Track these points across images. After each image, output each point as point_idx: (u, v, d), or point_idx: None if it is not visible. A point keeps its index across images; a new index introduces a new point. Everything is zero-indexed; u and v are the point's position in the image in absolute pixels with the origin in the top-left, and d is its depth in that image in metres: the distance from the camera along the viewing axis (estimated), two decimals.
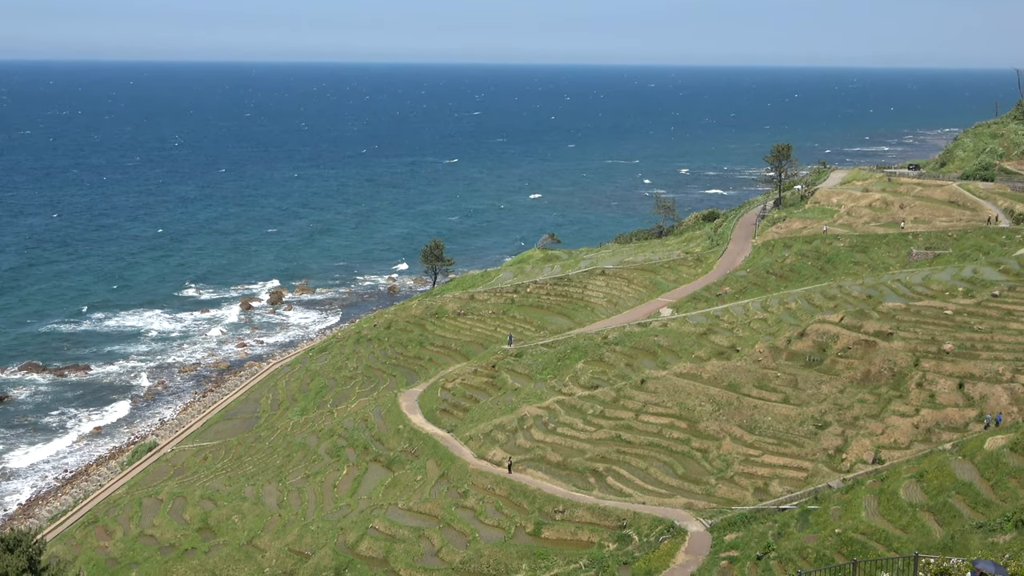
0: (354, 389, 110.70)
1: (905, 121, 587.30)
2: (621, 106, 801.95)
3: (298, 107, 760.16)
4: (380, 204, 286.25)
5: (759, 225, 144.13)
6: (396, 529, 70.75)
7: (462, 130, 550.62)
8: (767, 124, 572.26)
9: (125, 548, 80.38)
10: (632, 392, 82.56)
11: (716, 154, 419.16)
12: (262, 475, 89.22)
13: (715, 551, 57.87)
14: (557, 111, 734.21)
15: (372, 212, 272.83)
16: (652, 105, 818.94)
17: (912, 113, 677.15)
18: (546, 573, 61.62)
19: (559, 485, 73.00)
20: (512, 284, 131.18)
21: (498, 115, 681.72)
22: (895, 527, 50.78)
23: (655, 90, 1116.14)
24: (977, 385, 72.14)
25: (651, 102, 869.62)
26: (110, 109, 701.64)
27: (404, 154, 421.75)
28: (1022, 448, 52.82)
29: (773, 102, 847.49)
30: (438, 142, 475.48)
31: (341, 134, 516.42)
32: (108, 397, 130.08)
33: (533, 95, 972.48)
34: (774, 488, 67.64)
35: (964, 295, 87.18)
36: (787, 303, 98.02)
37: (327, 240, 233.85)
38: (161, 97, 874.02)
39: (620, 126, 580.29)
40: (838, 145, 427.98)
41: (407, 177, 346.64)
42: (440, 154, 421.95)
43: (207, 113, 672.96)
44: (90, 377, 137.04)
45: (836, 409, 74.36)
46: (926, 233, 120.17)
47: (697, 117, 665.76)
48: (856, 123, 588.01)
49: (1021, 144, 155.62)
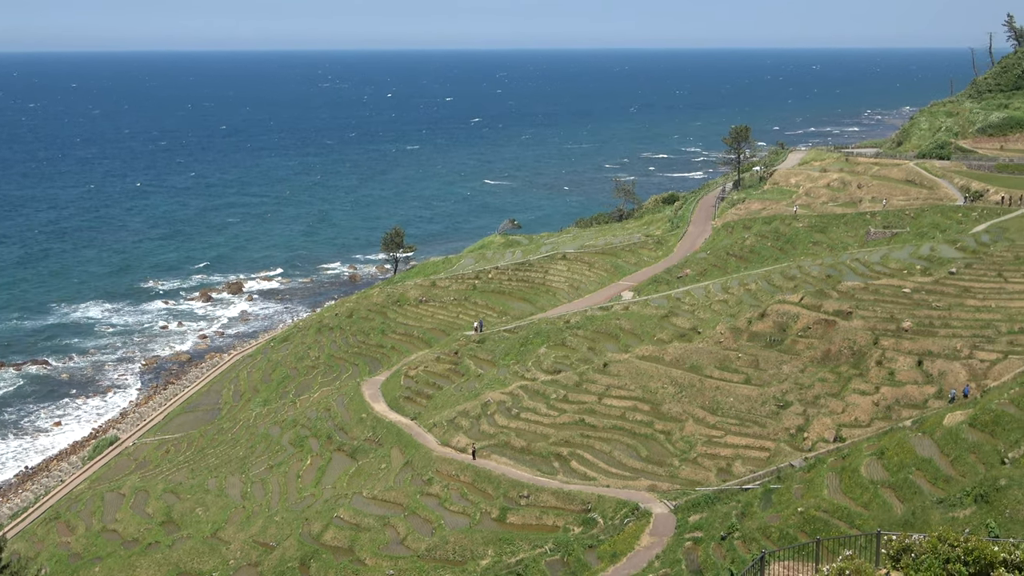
0: (316, 379, 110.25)
1: (864, 101, 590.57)
2: (584, 90, 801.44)
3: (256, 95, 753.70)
4: (339, 192, 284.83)
5: (719, 207, 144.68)
6: (361, 518, 70.55)
7: (425, 117, 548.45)
8: (727, 106, 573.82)
9: (88, 543, 79.69)
10: (595, 376, 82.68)
11: (676, 137, 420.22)
12: (225, 467, 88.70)
13: (679, 532, 58.14)
14: (518, 96, 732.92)
15: (332, 200, 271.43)
16: (615, 88, 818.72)
17: (870, 93, 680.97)
18: (512, 558, 61.62)
19: (524, 470, 73.07)
20: (473, 270, 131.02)
21: (460, 101, 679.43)
22: (857, 504, 51.21)
23: (619, 73, 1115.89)
24: (936, 362, 72.79)
25: (615, 85, 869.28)
26: (62, 101, 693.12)
27: (365, 142, 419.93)
28: (980, 424, 53.38)
29: (735, 83, 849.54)
30: (399, 129, 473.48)
31: (301, 122, 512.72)
32: (68, 391, 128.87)
33: (495, 81, 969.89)
34: (737, 468, 68.01)
35: (922, 273, 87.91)
36: (747, 284, 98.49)
37: (287, 229, 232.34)
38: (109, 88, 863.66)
39: (581, 110, 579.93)
40: (797, 127, 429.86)
41: (367, 164, 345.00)
42: (401, 141, 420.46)
43: (162, 103, 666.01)
44: (49, 371, 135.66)
45: (797, 389, 74.83)
46: (883, 212, 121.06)
47: (659, 99, 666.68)
48: (815, 104, 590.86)
49: (976, 122, 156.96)
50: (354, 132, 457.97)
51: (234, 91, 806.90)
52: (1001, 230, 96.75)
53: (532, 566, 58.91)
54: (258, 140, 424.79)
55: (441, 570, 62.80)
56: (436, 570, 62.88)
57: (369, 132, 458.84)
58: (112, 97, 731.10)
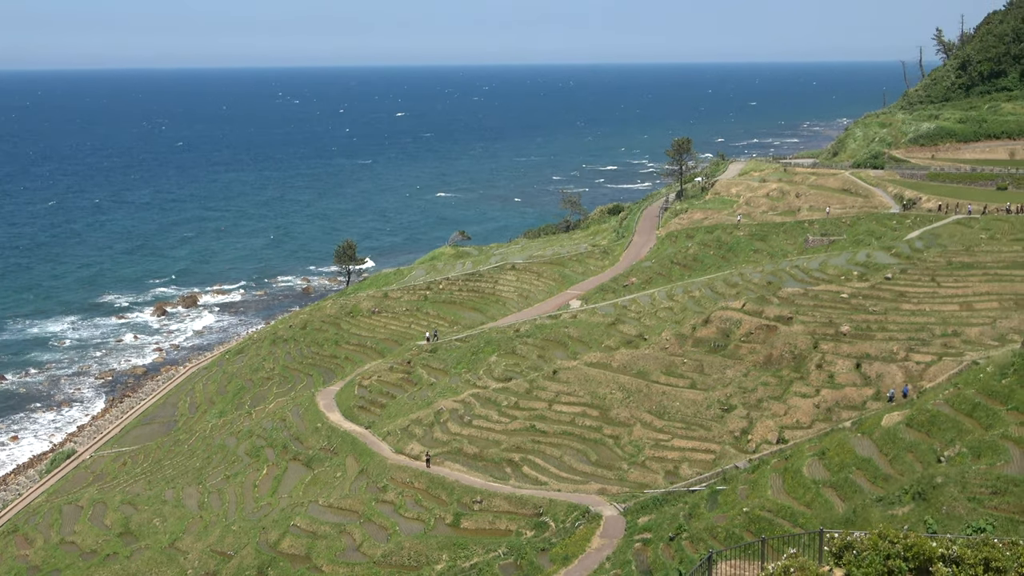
0: (271, 389, 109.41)
1: (803, 114, 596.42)
2: (534, 104, 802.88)
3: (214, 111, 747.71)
4: (294, 206, 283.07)
5: (662, 217, 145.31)
6: (317, 526, 70.05)
7: (377, 132, 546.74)
8: (673, 118, 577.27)
9: (46, 556, 78.45)
10: (545, 383, 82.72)
11: (622, 149, 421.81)
12: (182, 478, 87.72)
13: (629, 534, 58.22)
14: (467, 111, 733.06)
15: (285, 214, 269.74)
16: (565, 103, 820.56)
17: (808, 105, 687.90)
18: (466, 562, 61.42)
19: (476, 476, 72.89)
20: (425, 281, 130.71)
21: (411, 117, 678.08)
22: (800, 504, 51.53)
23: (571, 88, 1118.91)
24: (873, 364, 73.53)
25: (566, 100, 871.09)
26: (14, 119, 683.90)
27: (319, 156, 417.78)
28: (917, 424, 53.94)
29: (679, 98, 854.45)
30: (352, 144, 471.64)
31: (256, 138, 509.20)
32: (24, 405, 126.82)
33: (441, 96, 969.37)
34: (684, 471, 68.22)
35: (859, 279, 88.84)
36: (691, 292, 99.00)
37: (241, 243, 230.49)
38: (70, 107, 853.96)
39: (530, 124, 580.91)
40: (739, 138, 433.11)
41: (320, 178, 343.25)
42: (353, 155, 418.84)
43: (120, 120, 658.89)
44: (5, 386, 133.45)
45: (741, 392, 75.26)
46: (821, 220, 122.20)
47: (605, 113, 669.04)
48: (755, 116, 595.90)
49: (908, 133, 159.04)
50: (307, 147, 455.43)
51: (183, 108, 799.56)
52: (934, 236, 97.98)
53: (486, 570, 58.71)
54: (213, 156, 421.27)
55: (397, 575, 62.47)
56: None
57: (322, 147, 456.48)
58: (64, 114, 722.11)
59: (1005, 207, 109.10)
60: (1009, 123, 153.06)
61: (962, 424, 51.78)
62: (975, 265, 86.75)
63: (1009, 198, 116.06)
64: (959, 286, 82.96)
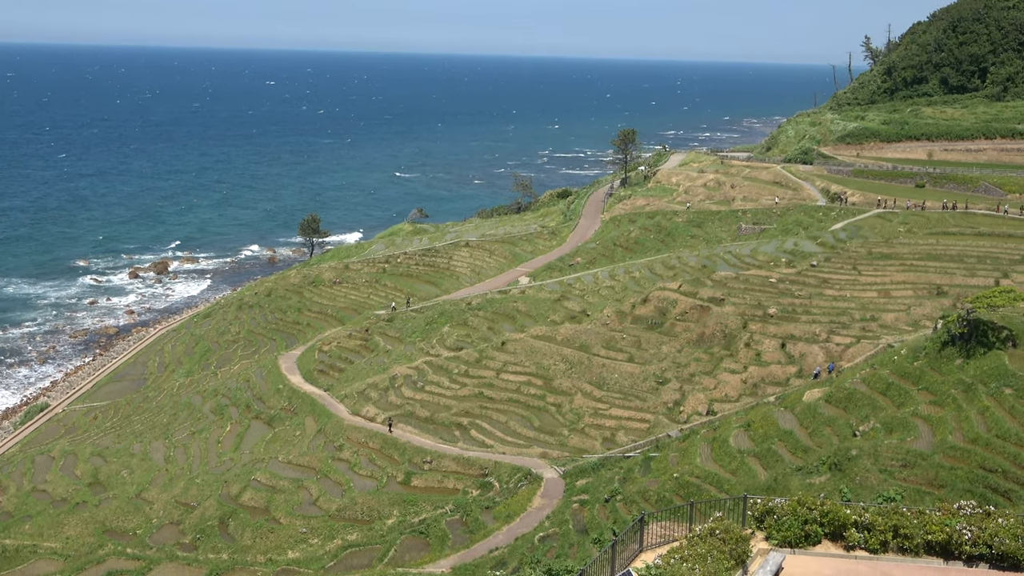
0: (236, 352, 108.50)
1: (743, 110, 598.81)
2: (492, 92, 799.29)
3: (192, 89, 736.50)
4: (262, 181, 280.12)
5: (607, 202, 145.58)
6: (277, 480, 69.70)
7: (345, 114, 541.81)
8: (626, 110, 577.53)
9: (19, 503, 77.29)
10: (493, 353, 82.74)
11: (572, 138, 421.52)
12: (149, 433, 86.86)
13: (568, 495, 58.52)
14: (429, 96, 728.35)
15: (254, 188, 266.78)
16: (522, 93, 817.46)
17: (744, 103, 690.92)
18: (415, 518, 61.49)
19: (427, 438, 72.87)
20: (384, 255, 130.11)
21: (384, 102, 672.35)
22: (726, 471, 52.00)
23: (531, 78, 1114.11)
24: (797, 345, 74.31)
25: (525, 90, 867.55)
26: None
27: (287, 134, 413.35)
28: (835, 400, 54.57)
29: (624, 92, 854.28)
30: (320, 124, 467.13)
31: (234, 116, 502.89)
32: (0, 361, 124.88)
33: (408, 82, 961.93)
34: (620, 438, 68.63)
35: (786, 265, 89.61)
36: (632, 272, 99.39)
37: (211, 214, 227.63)
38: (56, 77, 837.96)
39: (487, 111, 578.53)
40: (678, 130, 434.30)
41: (284, 156, 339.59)
42: (319, 135, 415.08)
43: (111, 94, 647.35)
44: None
45: (675, 367, 75.75)
46: (754, 210, 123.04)
47: (560, 104, 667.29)
48: (695, 112, 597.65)
49: (836, 131, 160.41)
50: (276, 126, 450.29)
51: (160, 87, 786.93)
52: (856, 228, 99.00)
53: (434, 525, 58.81)
54: (184, 131, 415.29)
55: (350, 528, 62.37)
56: (346, 528, 62.42)
57: (292, 126, 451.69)
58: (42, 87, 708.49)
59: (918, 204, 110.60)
60: (928, 126, 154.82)
61: (877, 402, 52.45)
62: (893, 256, 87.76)
63: (926, 195, 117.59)
64: (878, 275, 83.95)
